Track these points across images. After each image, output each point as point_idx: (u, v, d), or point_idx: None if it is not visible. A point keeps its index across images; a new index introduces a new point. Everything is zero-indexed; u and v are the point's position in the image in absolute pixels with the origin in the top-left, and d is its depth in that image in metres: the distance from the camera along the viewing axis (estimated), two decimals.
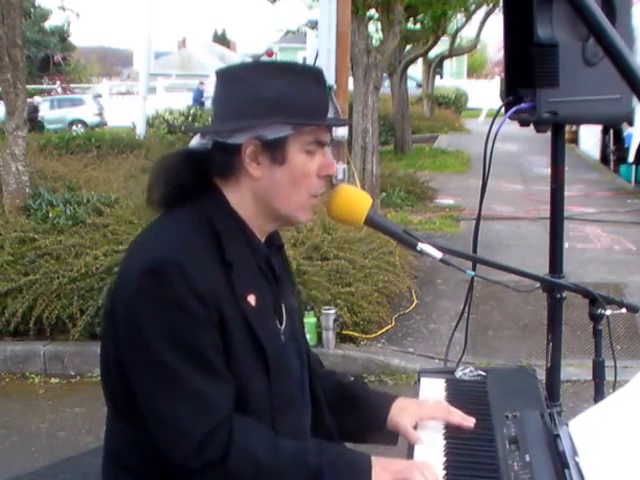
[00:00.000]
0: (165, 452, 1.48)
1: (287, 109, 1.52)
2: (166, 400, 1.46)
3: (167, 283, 1.45)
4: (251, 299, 1.55)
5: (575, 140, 17.52)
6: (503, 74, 2.04)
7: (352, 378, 2.00)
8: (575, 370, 4.72)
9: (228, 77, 1.60)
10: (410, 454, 1.66)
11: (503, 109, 2.00)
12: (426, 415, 1.76)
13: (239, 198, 1.59)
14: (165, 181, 1.59)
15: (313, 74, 1.59)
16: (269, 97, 1.52)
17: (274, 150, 1.54)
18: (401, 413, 1.77)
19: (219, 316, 1.48)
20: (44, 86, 33.73)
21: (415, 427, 1.75)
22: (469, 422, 1.70)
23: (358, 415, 1.82)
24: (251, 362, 1.53)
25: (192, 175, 1.57)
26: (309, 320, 4.88)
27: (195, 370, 1.46)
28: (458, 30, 19.91)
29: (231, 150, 1.55)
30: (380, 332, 5.42)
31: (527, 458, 1.53)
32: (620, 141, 12.80)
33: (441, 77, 34.68)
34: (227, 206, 1.58)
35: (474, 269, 1.87)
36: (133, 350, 1.49)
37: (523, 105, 1.92)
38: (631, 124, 2.23)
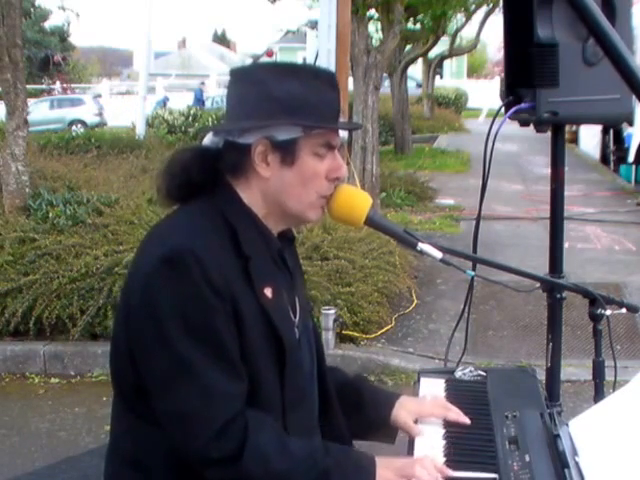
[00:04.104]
0: (181, 445, 1.49)
1: (298, 111, 1.52)
2: (181, 389, 1.46)
3: (184, 272, 1.45)
4: (268, 292, 1.56)
5: (575, 140, 17.52)
6: (503, 74, 2.04)
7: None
8: (575, 370, 4.72)
9: (241, 76, 1.61)
10: (410, 453, 1.66)
11: (503, 109, 2.00)
12: (426, 412, 1.79)
13: (250, 196, 1.60)
14: (172, 175, 1.60)
15: (326, 77, 1.59)
16: (280, 98, 1.53)
17: (284, 151, 1.55)
18: (401, 409, 1.80)
19: (234, 308, 1.49)
20: (44, 86, 33.72)
21: (415, 423, 1.77)
22: (465, 420, 1.73)
23: (364, 412, 1.83)
24: (266, 355, 1.54)
25: (201, 172, 1.58)
26: None
27: (210, 360, 1.46)
28: (458, 30, 19.91)
29: (241, 149, 1.56)
30: (380, 332, 5.42)
31: (527, 458, 1.54)
32: (620, 141, 12.80)
33: (441, 77, 34.68)
34: (239, 202, 1.59)
35: (474, 269, 1.87)
36: (147, 338, 1.49)
37: (523, 105, 1.91)
38: (631, 124, 2.23)
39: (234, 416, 1.47)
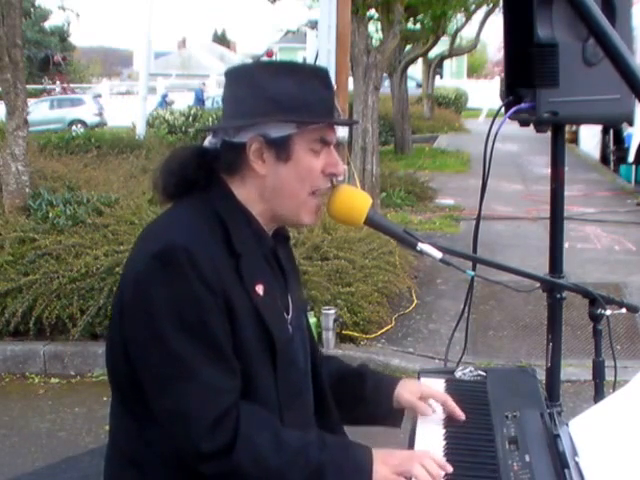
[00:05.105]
0: (175, 439, 1.49)
1: (291, 108, 1.54)
2: (174, 384, 1.47)
3: (177, 269, 1.46)
4: (259, 289, 1.57)
5: (575, 140, 17.52)
6: (503, 74, 2.04)
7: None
8: (575, 370, 4.72)
9: (236, 76, 1.63)
10: (411, 447, 1.66)
11: (503, 109, 1.99)
12: (427, 393, 1.81)
13: (245, 194, 1.61)
14: (169, 171, 1.62)
15: (320, 74, 1.60)
16: (274, 96, 1.54)
17: (278, 148, 1.56)
18: (402, 389, 1.82)
19: (227, 304, 1.49)
20: (44, 86, 33.72)
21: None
22: (461, 415, 1.74)
23: (366, 400, 1.85)
24: (259, 352, 1.55)
25: (197, 170, 1.60)
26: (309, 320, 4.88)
27: (204, 356, 1.47)
28: (458, 30, 19.91)
29: (237, 148, 1.57)
30: (380, 332, 5.42)
31: (527, 458, 1.53)
32: (620, 141, 12.80)
33: (441, 77, 34.68)
34: (233, 199, 1.60)
35: (474, 269, 1.87)
36: (141, 335, 1.50)
37: (523, 105, 1.91)
38: (631, 124, 2.22)
39: (227, 410, 1.47)
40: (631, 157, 11.92)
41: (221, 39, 70.99)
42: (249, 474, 1.47)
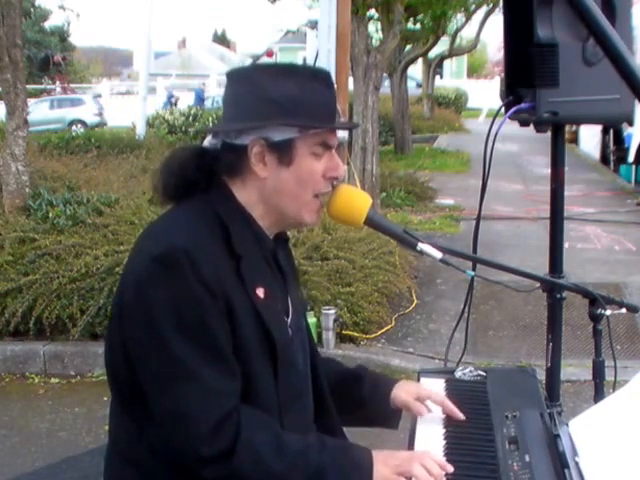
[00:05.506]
0: (175, 443, 1.49)
1: (293, 111, 1.53)
2: (175, 389, 1.47)
3: (177, 272, 1.46)
4: (260, 292, 1.57)
5: (575, 140, 17.53)
6: (503, 74, 2.04)
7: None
8: (575, 370, 4.72)
9: (237, 78, 1.62)
10: (411, 448, 1.66)
11: (503, 109, 2.00)
12: (424, 394, 1.81)
13: (246, 196, 1.60)
14: (169, 172, 1.62)
15: (322, 77, 1.60)
16: (275, 99, 1.53)
17: (280, 152, 1.56)
18: (399, 390, 1.83)
19: (227, 306, 1.49)
20: (44, 86, 33.73)
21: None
22: (460, 415, 1.74)
23: (364, 402, 1.85)
24: (259, 354, 1.55)
25: (197, 171, 1.59)
26: (309, 320, 4.88)
27: (204, 359, 1.47)
28: (458, 30, 19.91)
29: (238, 150, 1.57)
30: (380, 332, 5.42)
31: (527, 458, 1.53)
32: (620, 141, 12.81)
33: (441, 77, 34.69)
34: (234, 201, 1.60)
35: (474, 269, 1.87)
36: (141, 337, 1.49)
37: (523, 105, 1.91)
38: (631, 124, 2.23)
39: (227, 414, 1.47)
40: (631, 157, 11.92)
41: (221, 39, 70.99)
42: (249, 478, 1.47)
